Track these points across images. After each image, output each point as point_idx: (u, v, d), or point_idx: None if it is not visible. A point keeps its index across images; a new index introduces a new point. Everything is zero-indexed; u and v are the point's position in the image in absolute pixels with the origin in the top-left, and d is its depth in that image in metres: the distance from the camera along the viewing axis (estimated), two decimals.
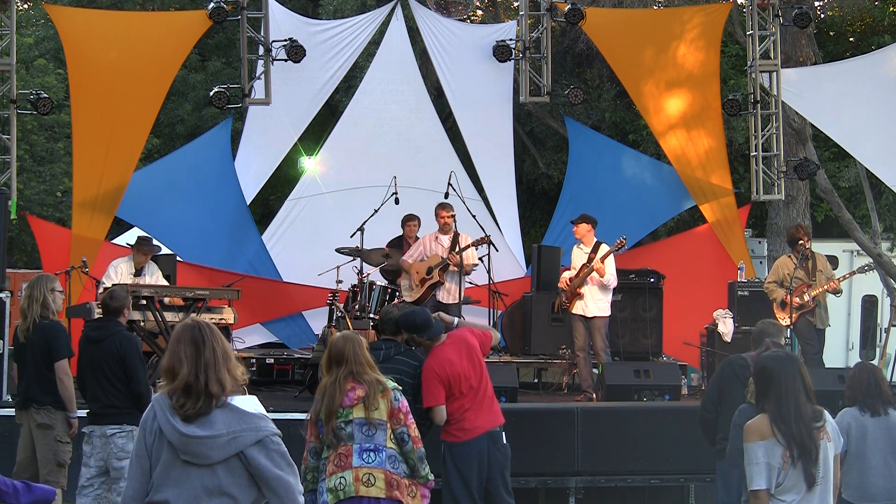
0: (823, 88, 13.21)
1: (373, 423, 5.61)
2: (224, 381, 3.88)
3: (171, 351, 3.95)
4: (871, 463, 6.09)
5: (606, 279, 10.53)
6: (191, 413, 3.82)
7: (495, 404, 7.02)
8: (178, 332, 3.98)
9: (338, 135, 14.46)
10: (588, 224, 10.76)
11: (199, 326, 3.97)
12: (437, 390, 6.71)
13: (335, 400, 5.63)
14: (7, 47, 12.00)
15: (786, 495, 4.86)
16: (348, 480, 5.58)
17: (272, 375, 11.86)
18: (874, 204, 17.16)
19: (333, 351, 5.78)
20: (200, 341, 3.91)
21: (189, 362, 3.87)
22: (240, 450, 3.82)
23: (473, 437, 6.81)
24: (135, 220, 13.29)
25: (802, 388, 4.85)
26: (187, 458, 3.82)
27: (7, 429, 8.65)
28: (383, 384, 5.69)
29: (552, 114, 18.16)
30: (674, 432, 9.40)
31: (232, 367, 3.94)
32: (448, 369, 6.73)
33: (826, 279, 10.65)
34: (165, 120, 19.22)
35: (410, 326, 6.81)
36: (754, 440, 4.85)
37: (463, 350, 6.83)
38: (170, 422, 3.83)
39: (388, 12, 14.27)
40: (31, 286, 7.57)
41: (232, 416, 3.86)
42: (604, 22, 13.43)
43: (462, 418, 6.81)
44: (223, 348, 3.95)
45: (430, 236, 11.66)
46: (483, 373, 6.90)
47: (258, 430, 3.86)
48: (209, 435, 3.81)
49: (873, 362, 9.17)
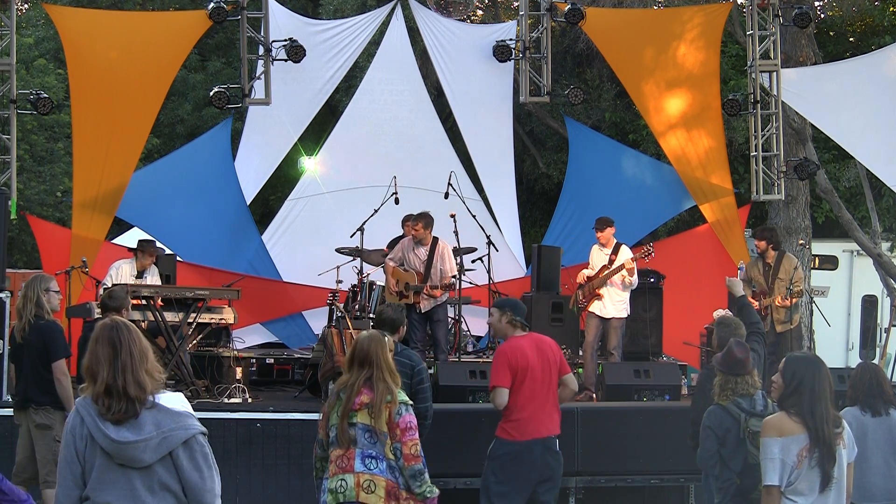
0: (823, 88, 13.21)
1: (375, 431, 5.61)
2: (143, 383, 3.88)
3: (90, 351, 3.94)
4: (872, 463, 6.08)
5: (633, 281, 10.68)
6: (119, 417, 3.82)
7: (556, 415, 6.98)
8: (97, 332, 3.97)
9: (338, 135, 14.47)
10: (612, 227, 10.85)
11: (117, 327, 3.96)
12: (503, 372, 6.79)
13: (351, 400, 5.63)
14: (7, 47, 12.00)
15: (798, 497, 4.88)
16: (349, 484, 5.58)
17: (272, 375, 11.85)
18: (874, 204, 17.16)
19: (358, 351, 5.76)
20: (118, 342, 3.91)
21: (107, 364, 3.87)
22: (171, 449, 3.85)
23: (526, 440, 6.81)
24: (135, 221, 13.30)
25: (829, 392, 4.93)
26: (121, 462, 3.83)
27: (6, 429, 8.64)
28: (392, 395, 5.66)
29: (552, 114, 18.16)
30: (674, 432, 9.36)
31: (150, 367, 3.94)
32: (520, 357, 6.81)
33: (786, 286, 10.63)
34: (165, 120, 19.23)
35: (507, 304, 7.07)
36: (772, 436, 4.90)
37: (537, 347, 6.90)
38: (100, 428, 3.83)
39: (388, 12, 14.27)
40: (25, 286, 7.58)
41: (161, 416, 3.88)
42: (604, 22, 13.42)
43: (520, 418, 6.82)
44: (140, 349, 3.94)
45: (408, 244, 10.97)
46: (552, 380, 6.90)
47: (187, 429, 3.89)
48: (140, 439, 3.82)
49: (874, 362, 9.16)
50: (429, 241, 10.84)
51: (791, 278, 10.68)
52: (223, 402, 9.79)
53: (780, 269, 10.81)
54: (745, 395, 5.94)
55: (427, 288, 10.65)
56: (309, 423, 9.33)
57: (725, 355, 6.09)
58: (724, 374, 6.03)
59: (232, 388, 9.99)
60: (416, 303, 10.69)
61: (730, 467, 5.90)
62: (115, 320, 4.04)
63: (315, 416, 9.31)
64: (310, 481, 9.09)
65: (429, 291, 10.64)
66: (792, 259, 11.05)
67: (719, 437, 5.92)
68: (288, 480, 9.22)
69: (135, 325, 9.76)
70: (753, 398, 5.94)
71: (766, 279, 10.82)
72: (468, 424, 8.70)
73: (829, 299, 16.30)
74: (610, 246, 10.80)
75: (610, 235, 10.84)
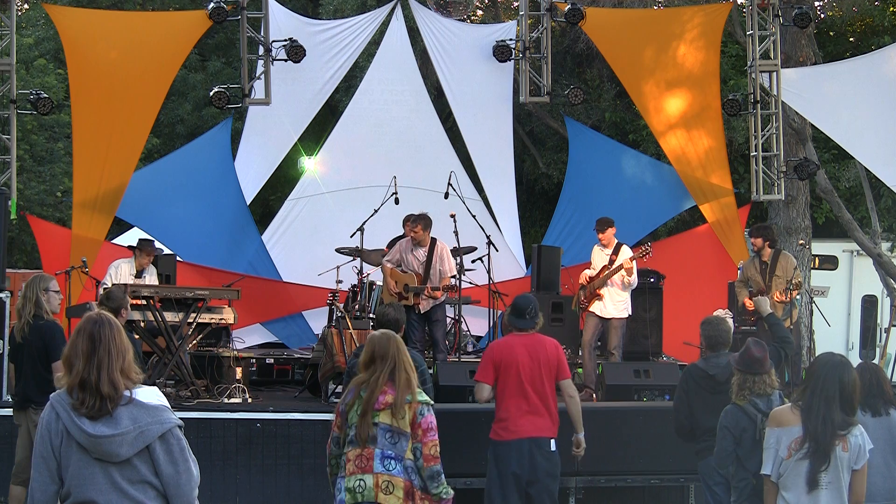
0: (823, 88, 13.21)
1: (397, 431, 5.59)
2: (116, 382, 3.87)
3: (71, 342, 3.94)
4: (871, 463, 6.04)
5: (633, 281, 10.66)
6: (91, 413, 3.83)
7: (551, 418, 6.96)
8: (80, 324, 3.97)
9: (338, 135, 14.47)
10: (613, 228, 10.84)
11: (100, 322, 3.95)
12: (486, 368, 6.93)
13: (373, 397, 5.61)
14: (7, 47, 12.01)
15: (785, 492, 4.94)
16: (368, 485, 5.56)
17: (272, 375, 11.85)
18: (874, 204, 17.16)
19: (378, 347, 5.74)
20: (98, 338, 3.90)
21: (83, 358, 3.87)
22: (147, 443, 3.86)
23: (515, 439, 6.85)
24: (135, 221, 13.30)
25: (838, 393, 4.98)
26: (98, 457, 3.84)
27: (6, 429, 8.64)
28: (413, 394, 5.66)
29: (552, 114, 18.16)
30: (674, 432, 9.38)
31: (126, 367, 3.93)
32: (505, 353, 6.90)
33: (783, 283, 10.63)
34: (165, 120, 19.23)
35: (513, 303, 7.10)
36: (772, 426, 5.03)
37: (531, 347, 6.92)
38: (75, 423, 3.84)
39: (388, 12, 14.27)
40: (25, 287, 7.57)
41: (137, 411, 3.88)
42: (604, 22, 13.42)
43: (506, 417, 6.88)
44: (119, 347, 3.93)
45: (406, 245, 10.88)
46: (544, 382, 6.90)
47: (163, 423, 3.89)
48: (116, 433, 3.82)
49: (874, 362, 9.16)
50: (427, 242, 10.80)
51: (790, 275, 10.66)
52: (223, 402, 9.79)
53: (776, 266, 10.80)
54: (762, 395, 6.01)
55: (428, 289, 10.63)
56: (309, 423, 9.35)
57: (743, 354, 6.19)
58: (742, 372, 6.13)
59: (232, 388, 9.99)
60: (415, 304, 10.68)
61: (746, 467, 5.94)
62: (101, 315, 4.01)
63: (315, 417, 9.39)
64: (309, 481, 9.15)
65: (430, 293, 10.62)
66: (789, 256, 11.04)
67: (735, 437, 6.01)
68: (288, 480, 9.22)
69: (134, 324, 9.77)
70: (770, 398, 5.98)
71: (764, 277, 10.82)
72: (468, 424, 8.68)
73: (829, 299, 16.29)
74: (611, 246, 10.81)
75: (611, 236, 10.84)
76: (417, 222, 10.74)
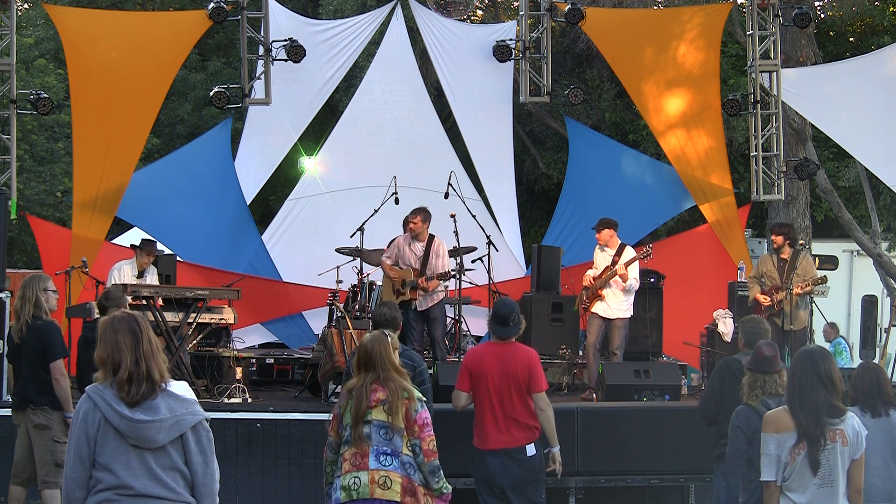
0: (823, 88, 13.21)
1: (392, 427, 5.61)
2: (161, 370, 4.12)
3: (108, 341, 4.10)
4: (871, 463, 6.05)
5: (629, 284, 10.58)
6: (136, 398, 4.02)
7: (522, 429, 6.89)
8: (116, 324, 4.14)
9: (338, 135, 14.46)
10: (610, 229, 10.77)
11: (136, 318, 4.18)
12: (462, 376, 7.01)
13: (362, 404, 5.63)
14: (7, 47, 12.00)
15: (791, 493, 4.94)
16: (363, 481, 5.57)
17: (272, 375, 11.84)
18: (874, 204, 17.16)
19: (362, 353, 5.78)
20: (138, 332, 4.12)
21: (130, 352, 4.07)
22: (182, 432, 4.08)
23: (486, 449, 6.93)
24: (135, 221, 13.30)
25: (820, 383, 4.97)
26: (135, 443, 4.03)
27: (4, 430, 8.62)
28: (408, 391, 5.67)
29: (552, 114, 18.16)
30: (674, 432, 9.39)
31: (162, 357, 4.17)
32: (476, 363, 6.96)
33: (801, 281, 10.63)
34: (165, 120, 19.23)
35: (494, 315, 7.05)
36: (769, 431, 5.01)
37: (501, 357, 6.92)
38: (115, 410, 4.01)
39: (388, 12, 14.26)
40: (23, 286, 7.57)
41: (173, 401, 4.11)
42: (604, 22, 13.43)
43: (482, 424, 6.96)
44: (154, 339, 4.18)
45: (404, 240, 10.86)
46: (513, 393, 6.86)
47: (195, 415, 4.13)
48: (155, 419, 4.03)
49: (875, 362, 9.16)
50: (426, 236, 10.77)
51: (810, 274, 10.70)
52: (223, 402, 9.78)
53: (796, 264, 10.79)
54: (774, 395, 6.04)
55: (422, 280, 10.59)
56: (309, 423, 9.34)
57: (755, 354, 6.24)
58: (754, 372, 6.18)
59: (232, 388, 9.99)
60: (412, 299, 10.64)
61: (757, 467, 5.93)
62: (129, 312, 4.26)
63: (315, 417, 9.38)
64: (309, 481, 9.14)
65: (423, 284, 10.60)
66: (809, 258, 11.08)
67: (748, 437, 6.02)
68: (288, 480, 9.22)
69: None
70: (782, 398, 5.98)
71: (781, 274, 10.77)
72: (468, 424, 8.67)
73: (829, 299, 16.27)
74: (613, 247, 10.77)
75: (608, 237, 10.77)
76: (417, 214, 10.73)
